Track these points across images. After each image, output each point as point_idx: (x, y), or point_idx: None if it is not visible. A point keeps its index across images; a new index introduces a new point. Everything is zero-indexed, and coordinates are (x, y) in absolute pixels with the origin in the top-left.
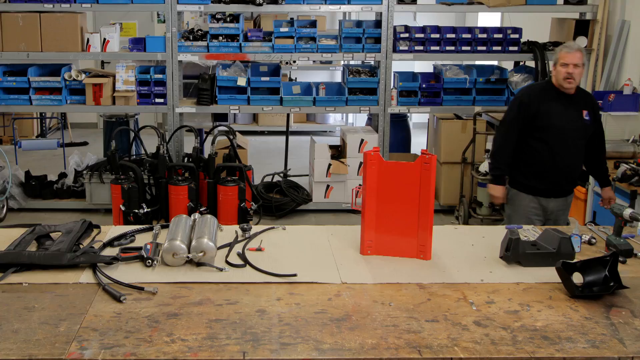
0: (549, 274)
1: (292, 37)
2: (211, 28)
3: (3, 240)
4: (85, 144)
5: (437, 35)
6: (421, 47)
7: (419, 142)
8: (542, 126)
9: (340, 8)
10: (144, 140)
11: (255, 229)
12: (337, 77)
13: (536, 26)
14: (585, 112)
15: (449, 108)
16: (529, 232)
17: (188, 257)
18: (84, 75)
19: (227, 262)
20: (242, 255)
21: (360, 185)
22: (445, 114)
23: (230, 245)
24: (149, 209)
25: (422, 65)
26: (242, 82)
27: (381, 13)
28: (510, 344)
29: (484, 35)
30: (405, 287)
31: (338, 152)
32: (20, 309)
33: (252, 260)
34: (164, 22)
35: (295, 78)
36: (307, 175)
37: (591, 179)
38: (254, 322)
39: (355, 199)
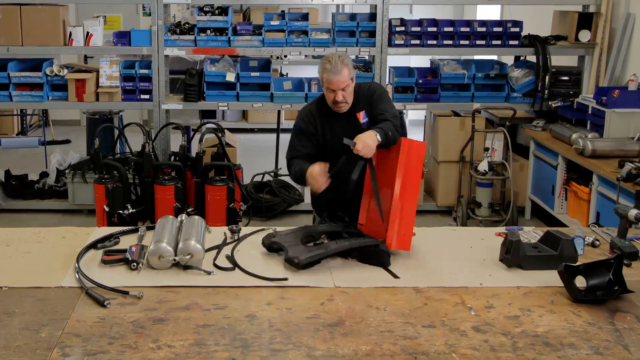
0: (551, 278)
1: (283, 31)
2: (199, 21)
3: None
4: (67, 142)
5: (434, 29)
6: (417, 41)
7: None
8: (322, 145)
9: (333, 0)
10: (129, 138)
11: (244, 230)
12: None
13: (537, 19)
14: (361, 114)
15: (447, 105)
16: (530, 234)
17: (175, 259)
18: (66, 71)
19: (215, 265)
20: (230, 258)
21: None
22: (442, 111)
23: (219, 248)
24: (134, 210)
25: (419, 60)
26: (231, 77)
27: (376, 5)
28: (510, 351)
29: (483, 29)
30: (401, 291)
31: None
32: (0, 314)
33: (241, 263)
34: (149, 15)
35: (287, 73)
36: None
37: (595, 178)
38: (244, 327)
39: None
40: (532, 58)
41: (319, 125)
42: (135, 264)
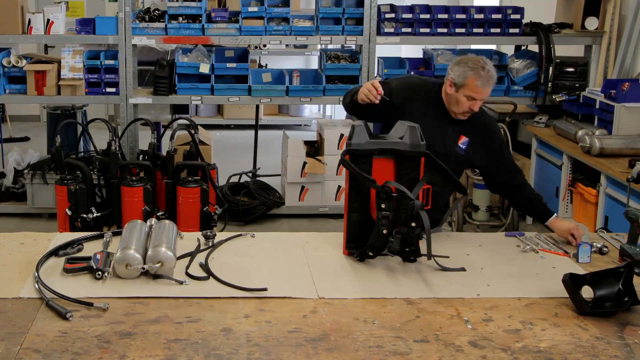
0: (555, 288)
1: (261, 18)
2: (170, 7)
3: None
4: (26, 139)
5: (428, 16)
6: (409, 29)
7: None
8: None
9: None
10: (94, 135)
11: (220, 236)
12: (314, 64)
13: (540, 5)
14: (463, 139)
15: None
16: (532, 241)
17: (143, 268)
18: (24, 61)
19: (188, 274)
20: (204, 266)
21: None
22: None
23: (192, 255)
24: (99, 214)
25: (410, 50)
26: (204, 69)
27: None
28: None
29: (481, 16)
30: (390, 302)
31: (314, 148)
32: None
33: (216, 272)
34: (115, 0)
35: (266, 64)
36: (279, 175)
37: (603, 179)
38: (219, 342)
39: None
40: (535, 48)
41: (409, 106)
42: (100, 273)
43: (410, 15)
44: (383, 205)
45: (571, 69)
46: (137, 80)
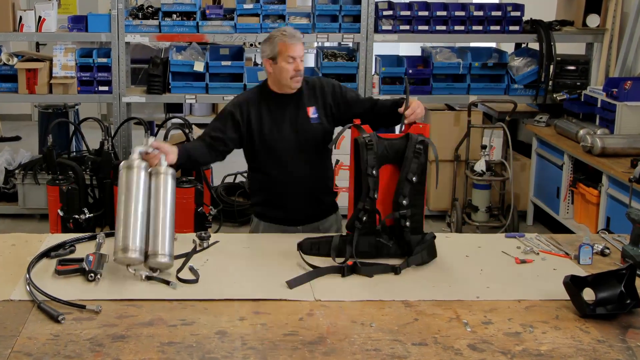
0: (555, 290)
1: (257, 15)
2: (163, 4)
3: None
4: (17, 138)
5: (426, 13)
6: (407, 27)
7: None
8: (258, 143)
9: None
10: (86, 134)
11: (214, 237)
12: (310, 62)
13: (541, 2)
14: (311, 110)
15: (440, 97)
16: (532, 242)
17: (141, 275)
18: (16, 59)
19: (178, 279)
20: (194, 270)
21: (341, 162)
22: (435, 104)
23: (187, 257)
24: (92, 214)
25: (409, 48)
26: (199, 67)
27: None
28: None
29: (480, 13)
30: (388, 305)
31: None
32: None
33: (210, 274)
34: None
35: (262, 63)
36: None
37: (604, 179)
38: (214, 345)
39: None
40: (535, 45)
41: (254, 114)
42: (92, 275)
43: (408, 13)
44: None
45: (572, 67)
46: (130, 78)
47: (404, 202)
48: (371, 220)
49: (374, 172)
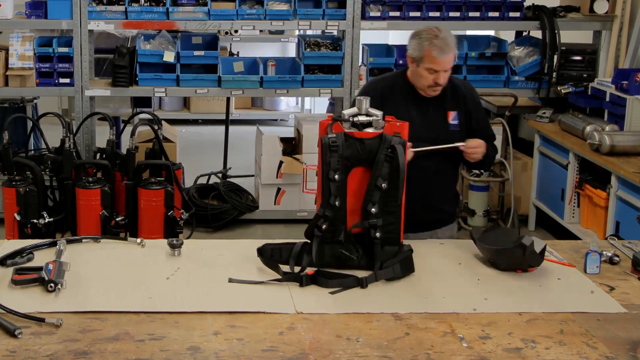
0: (560, 302)
1: (233, 0)
2: None
3: None
4: None
5: None
6: (397, 13)
7: None
8: None
9: None
10: (45, 131)
11: (187, 244)
12: (291, 52)
13: None
14: (452, 115)
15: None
16: (538, 243)
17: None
18: None
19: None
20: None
21: (312, 164)
22: None
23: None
24: (52, 219)
25: (399, 36)
26: (169, 57)
27: None
28: None
29: None
30: (377, 317)
31: (292, 146)
32: None
33: (179, 284)
34: None
35: (237, 52)
36: (253, 175)
37: (613, 180)
38: None
39: (307, 181)
40: (537, 34)
41: (386, 107)
42: (52, 285)
43: None
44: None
45: (578, 58)
46: (94, 70)
47: (373, 210)
48: (333, 228)
49: (336, 176)
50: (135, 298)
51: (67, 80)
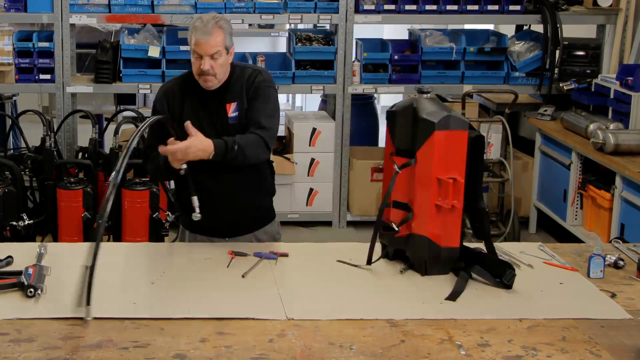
0: (562, 308)
1: None
2: None
3: None
4: None
5: None
6: (392, 6)
7: None
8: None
9: None
10: (25, 129)
11: (173, 247)
12: (281, 47)
13: None
14: (232, 106)
15: (430, 87)
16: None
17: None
18: None
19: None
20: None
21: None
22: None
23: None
24: (31, 221)
25: (394, 31)
26: (154, 52)
27: None
28: None
29: None
30: (371, 324)
31: (282, 145)
32: None
33: (164, 289)
34: None
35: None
36: None
37: (618, 181)
38: None
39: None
40: (539, 28)
41: (176, 106)
42: (32, 290)
43: None
44: None
45: (581, 53)
46: (75, 65)
47: None
48: None
49: None
50: (118, 303)
51: (48, 77)
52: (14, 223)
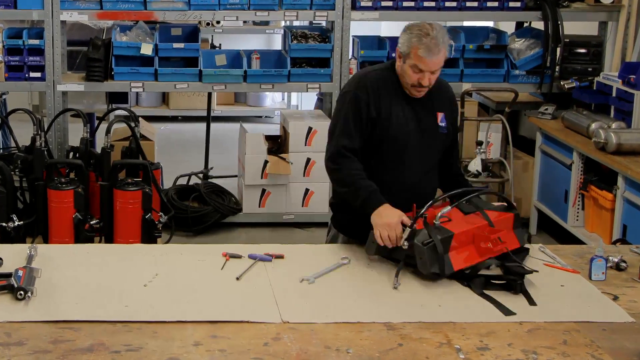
0: (563, 311)
1: None
2: None
3: None
4: None
5: None
6: (390, 3)
7: None
8: (379, 136)
9: None
10: (15, 128)
11: (166, 249)
12: (277, 44)
13: None
14: (440, 116)
15: None
16: (535, 254)
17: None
18: None
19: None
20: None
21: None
22: None
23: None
24: (21, 222)
25: (392, 28)
26: (147, 49)
27: None
28: None
29: None
30: (368, 327)
31: (277, 144)
32: None
33: (157, 291)
34: None
35: (220, 45)
36: (236, 176)
37: (620, 181)
38: None
39: None
40: (539, 25)
41: (382, 105)
42: (22, 292)
43: None
44: None
45: (583, 50)
46: (66, 63)
47: None
48: None
49: None
50: (110, 306)
51: (38, 75)
52: (4, 224)
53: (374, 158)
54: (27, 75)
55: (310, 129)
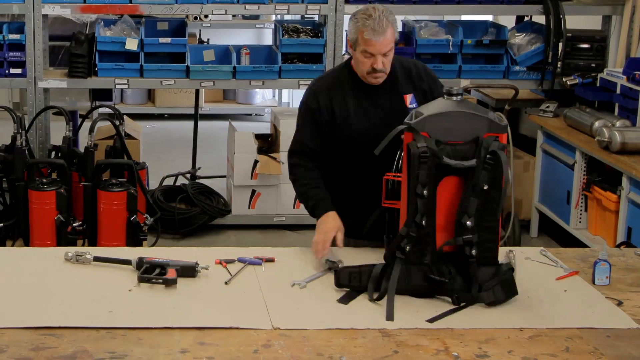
0: (565, 317)
1: None
2: None
3: None
4: None
5: None
6: None
7: None
8: (345, 135)
9: None
10: None
11: (151, 252)
12: (267, 39)
13: None
14: (409, 97)
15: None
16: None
17: None
18: None
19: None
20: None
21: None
22: None
23: None
24: (2, 224)
25: None
26: (132, 45)
27: None
28: None
29: None
30: (362, 334)
31: (268, 143)
32: None
33: (143, 296)
34: None
35: (208, 40)
36: (224, 176)
37: (625, 182)
38: None
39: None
40: (541, 19)
41: (336, 107)
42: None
43: None
44: None
45: (586, 45)
46: (48, 59)
47: (468, 223)
48: (419, 249)
49: (424, 192)
50: (94, 312)
51: (19, 71)
52: None
53: (345, 155)
54: (7, 71)
55: None
